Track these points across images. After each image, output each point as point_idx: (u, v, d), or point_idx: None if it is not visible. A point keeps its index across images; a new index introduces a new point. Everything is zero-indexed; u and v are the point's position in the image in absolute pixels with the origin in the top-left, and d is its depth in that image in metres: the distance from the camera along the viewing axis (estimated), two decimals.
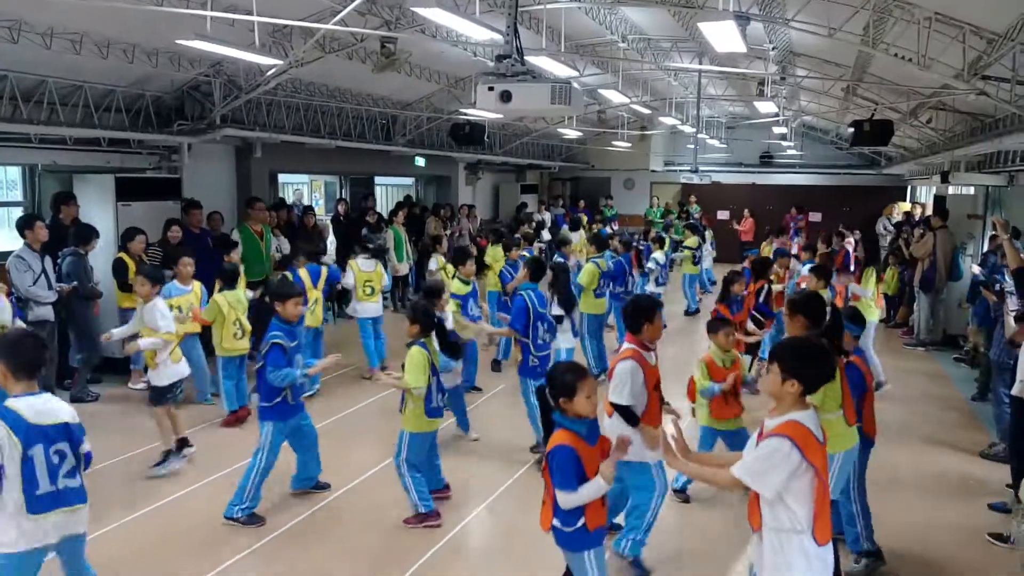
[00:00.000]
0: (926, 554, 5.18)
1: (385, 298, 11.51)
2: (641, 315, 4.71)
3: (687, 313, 13.83)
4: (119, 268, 8.19)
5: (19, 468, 3.43)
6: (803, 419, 3.15)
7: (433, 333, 5.49)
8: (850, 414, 4.54)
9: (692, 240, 14.77)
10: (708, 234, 17.42)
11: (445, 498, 5.79)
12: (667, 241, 13.85)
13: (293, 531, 5.37)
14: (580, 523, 3.60)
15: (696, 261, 14.49)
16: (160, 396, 6.31)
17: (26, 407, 3.50)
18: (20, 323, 6.69)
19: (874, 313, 9.28)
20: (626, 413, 4.56)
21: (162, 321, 6.26)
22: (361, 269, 8.98)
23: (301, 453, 5.83)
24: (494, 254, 11.14)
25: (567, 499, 3.52)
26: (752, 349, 8.40)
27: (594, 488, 3.52)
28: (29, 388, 3.56)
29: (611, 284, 9.70)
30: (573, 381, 3.57)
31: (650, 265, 11.99)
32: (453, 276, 8.55)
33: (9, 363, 3.52)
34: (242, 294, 7.71)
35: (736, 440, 5.61)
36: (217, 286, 7.64)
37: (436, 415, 5.42)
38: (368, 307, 8.96)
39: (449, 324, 6.88)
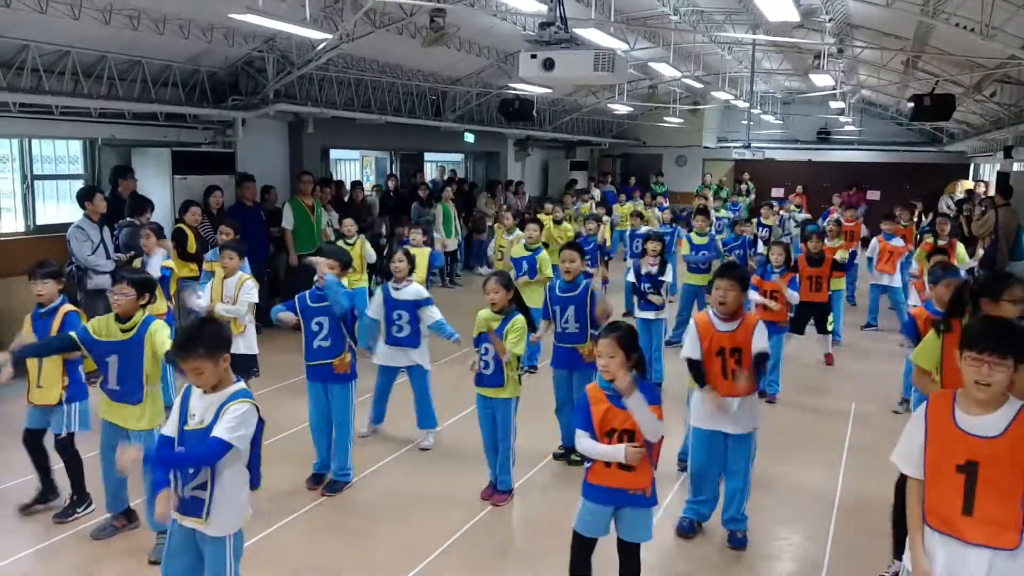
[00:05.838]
0: None
1: (433, 274, 11.62)
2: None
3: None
4: (178, 238, 8.39)
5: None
6: None
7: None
8: None
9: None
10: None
11: None
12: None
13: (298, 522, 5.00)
14: (586, 468, 3.74)
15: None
16: (249, 366, 6.12)
17: None
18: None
19: None
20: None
21: (246, 295, 6.20)
22: None
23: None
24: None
25: (579, 440, 3.70)
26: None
27: (594, 447, 3.63)
28: None
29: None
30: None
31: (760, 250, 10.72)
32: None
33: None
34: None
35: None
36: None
37: None
38: None
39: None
